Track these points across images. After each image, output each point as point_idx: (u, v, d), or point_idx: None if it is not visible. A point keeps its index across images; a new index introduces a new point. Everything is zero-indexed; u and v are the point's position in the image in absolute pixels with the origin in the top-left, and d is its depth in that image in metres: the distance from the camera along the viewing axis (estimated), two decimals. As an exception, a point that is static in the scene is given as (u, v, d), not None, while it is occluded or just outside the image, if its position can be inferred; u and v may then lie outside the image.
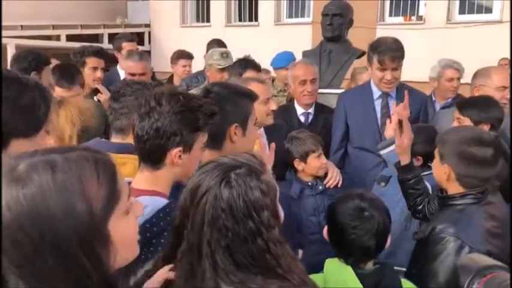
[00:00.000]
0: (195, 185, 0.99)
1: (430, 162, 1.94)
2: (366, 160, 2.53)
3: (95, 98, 3.10)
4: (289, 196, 2.21)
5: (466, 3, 7.30)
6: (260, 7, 9.32)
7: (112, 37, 6.09)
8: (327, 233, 1.60)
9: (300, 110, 2.98)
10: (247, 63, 2.95)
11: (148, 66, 3.20)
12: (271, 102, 2.29)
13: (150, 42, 10.70)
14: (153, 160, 1.30)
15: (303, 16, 8.99)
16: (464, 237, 1.50)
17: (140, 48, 9.47)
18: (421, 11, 7.71)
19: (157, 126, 1.26)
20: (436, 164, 1.73)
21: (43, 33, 8.87)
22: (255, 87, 2.20)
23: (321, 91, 3.22)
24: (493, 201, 1.64)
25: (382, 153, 2.05)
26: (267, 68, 4.43)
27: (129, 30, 9.13)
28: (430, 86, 3.81)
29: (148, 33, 10.71)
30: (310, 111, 2.98)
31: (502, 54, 5.09)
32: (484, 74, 2.82)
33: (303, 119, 2.98)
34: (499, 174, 1.74)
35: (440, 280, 1.51)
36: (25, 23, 8.58)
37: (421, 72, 4.32)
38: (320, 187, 2.32)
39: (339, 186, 2.32)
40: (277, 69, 4.22)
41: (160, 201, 1.25)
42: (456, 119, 2.36)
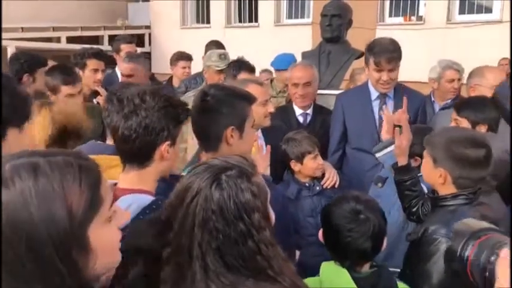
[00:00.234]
0: (186, 186, 0.99)
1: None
2: (364, 161, 2.53)
3: (95, 100, 3.11)
4: (286, 196, 2.21)
5: (466, 3, 7.29)
6: (260, 8, 9.33)
7: (112, 39, 6.09)
8: (322, 235, 1.59)
9: (299, 111, 2.98)
10: (241, 65, 2.96)
11: (139, 68, 3.20)
12: (269, 104, 2.29)
13: (150, 44, 10.72)
14: (142, 158, 1.30)
15: (302, 17, 9.00)
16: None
17: (140, 49, 9.50)
18: (421, 11, 7.71)
19: (147, 123, 1.27)
20: (428, 168, 1.71)
21: (43, 35, 8.90)
22: (253, 89, 2.20)
23: (320, 92, 3.22)
24: (485, 201, 1.63)
25: (378, 155, 2.05)
26: (269, 69, 4.44)
27: (129, 32, 9.14)
28: (430, 87, 3.80)
29: (149, 34, 10.73)
30: (308, 112, 2.98)
31: (502, 54, 5.08)
32: (478, 73, 2.82)
33: (301, 119, 2.98)
34: (497, 173, 1.74)
35: (433, 281, 1.50)
36: (26, 25, 8.60)
37: (420, 72, 4.32)
38: (317, 188, 2.32)
39: (336, 186, 2.32)
40: (277, 70, 4.22)
41: (145, 199, 1.26)
42: (454, 120, 2.36)
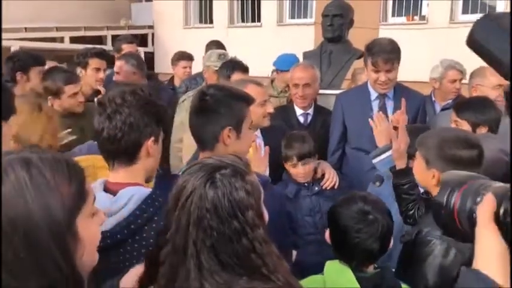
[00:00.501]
0: (181, 186, 1.00)
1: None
2: (364, 161, 2.53)
3: (96, 100, 3.13)
4: (284, 195, 2.21)
5: (470, 3, 7.26)
6: (263, 8, 9.34)
7: (116, 39, 6.12)
8: (329, 236, 1.59)
9: (299, 111, 2.98)
10: (234, 65, 2.96)
11: (123, 66, 3.23)
12: (268, 105, 2.30)
13: (153, 44, 10.74)
14: (129, 155, 1.31)
15: (305, 17, 8.99)
16: (450, 239, 1.49)
17: (144, 49, 9.53)
18: (424, 11, 7.69)
19: (131, 121, 1.28)
20: (420, 169, 1.70)
21: (47, 35, 8.95)
22: (252, 90, 2.21)
23: (321, 92, 3.22)
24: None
25: (374, 161, 2.06)
26: (273, 68, 4.42)
27: (132, 32, 9.18)
28: (432, 86, 3.79)
29: (152, 34, 10.76)
30: (309, 112, 2.99)
31: (504, 54, 5.05)
32: (479, 73, 2.81)
33: (302, 119, 2.98)
34: (494, 172, 1.73)
35: (429, 283, 1.50)
36: (29, 25, 8.65)
37: (423, 72, 4.29)
38: (316, 188, 2.32)
39: (336, 187, 2.32)
40: (279, 70, 4.22)
41: (145, 190, 1.28)
42: (453, 121, 2.34)
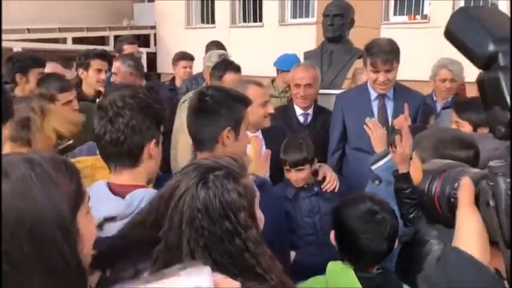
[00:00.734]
0: (174, 185, 1.01)
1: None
2: (364, 161, 2.50)
3: (98, 101, 3.15)
4: (284, 196, 2.22)
5: (472, 2, 7.25)
6: (264, 8, 9.35)
7: (118, 39, 6.15)
8: (334, 237, 1.58)
9: (299, 111, 2.99)
10: (226, 66, 2.96)
11: (120, 67, 3.25)
12: (269, 105, 2.30)
13: (155, 44, 10.77)
14: (132, 158, 1.31)
15: (307, 16, 9.00)
16: (447, 239, 1.49)
17: (146, 50, 9.57)
18: (426, 10, 7.68)
19: (133, 124, 1.29)
20: (417, 169, 1.70)
21: (50, 36, 8.99)
22: (253, 90, 2.22)
23: (322, 91, 3.23)
24: None
25: (373, 168, 2.06)
26: (275, 68, 4.42)
27: (134, 32, 9.23)
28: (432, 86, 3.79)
29: (154, 35, 10.79)
30: (309, 112, 2.99)
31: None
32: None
33: (302, 119, 2.99)
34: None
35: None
36: (32, 26, 8.69)
37: (425, 71, 4.29)
38: (315, 188, 2.32)
39: (336, 191, 2.32)
40: (281, 71, 4.22)
41: (153, 191, 1.26)
42: (454, 122, 2.32)
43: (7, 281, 0.76)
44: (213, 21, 10.10)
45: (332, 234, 1.59)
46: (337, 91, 3.28)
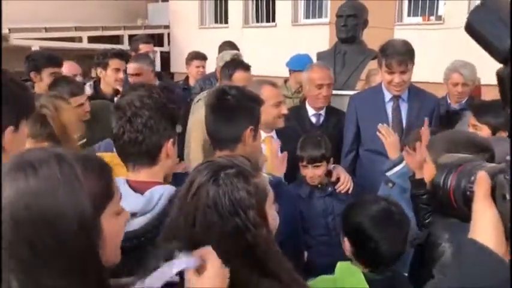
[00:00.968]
0: (189, 182, 1.04)
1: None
2: (377, 163, 2.49)
3: (116, 99, 3.19)
4: (298, 196, 2.23)
5: (487, 3, 7.17)
6: (277, 8, 9.36)
7: (132, 38, 6.20)
8: (346, 238, 1.57)
9: (312, 111, 2.99)
10: (236, 64, 2.96)
11: (144, 67, 3.28)
12: (283, 106, 2.31)
13: (169, 43, 10.85)
14: (150, 158, 1.33)
15: (320, 17, 8.99)
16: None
17: (160, 49, 9.64)
18: (441, 11, 7.61)
19: (151, 124, 1.30)
20: (430, 172, 1.68)
21: (66, 35, 9.12)
22: (267, 90, 2.23)
23: (335, 92, 3.23)
24: None
25: (388, 174, 2.06)
26: (287, 69, 4.43)
27: (148, 32, 9.31)
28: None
29: (168, 34, 10.87)
30: (321, 113, 3.00)
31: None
32: None
33: (314, 120, 2.99)
34: None
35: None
36: (49, 25, 8.83)
37: (439, 73, 4.26)
38: (329, 189, 2.33)
39: (349, 192, 2.33)
40: (293, 71, 4.22)
41: (172, 188, 1.29)
42: (472, 126, 2.27)
43: (31, 268, 0.79)
44: (226, 21, 10.15)
45: (346, 242, 1.58)
46: (351, 92, 3.28)
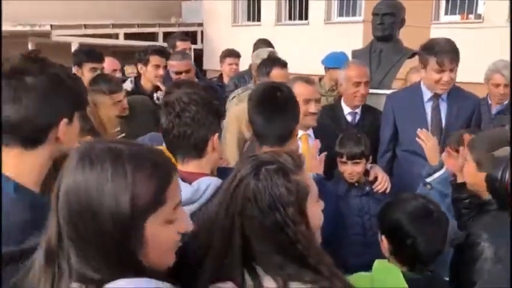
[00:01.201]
0: (232, 175, 1.08)
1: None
2: (415, 163, 2.46)
3: (155, 95, 3.28)
4: (337, 195, 2.23)
5: (531, 1, 6.91)
6: (310, 6, 9.32)
7: (167, 36, 6.32)
8: (384, 237, 1.57)
9: (347, 110, 2.97)
10: (273, 61, 2.97)
11: (192, 64, 3.36)
12: (311, 104, 2.30)
13: (202, 41, 10.98)
14: (198, 151, 1.39)
15: (354, 15, 8.89)
16: (497, 242, 1.46)
17: (193, 47, 9.77)
18: (480, 9, 7.39)
19: (199, 118, 1.36)
20: (471, 172, 1.67)
21: (103, 31, 9.38)
22: (298, 87, 2.25)
23: (370, 91, 3.20)
24: None
25: (428, 180, 2.03)
26: (319, 67, 4.41)
27: (182, 29, 9.46)
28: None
29: (201, 32, 11.00)
30: (357, 111, 2.97)
31: None
32: None
33: (349, 118, 2.97)
34: None
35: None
36: (88, 22, 9.11)
37: (478, 73, 4.16)
38: (367, 188, 2.32)
39: (387, 192, 2.31)
40: (329, 68, 4.20)
41: (218, 180, 1.34)
42: None
43: (80, 248, 0.83)
44: (258, 19, 10.18)
45: (383, 239, 1.57)
46: (386, 91, 3.25)
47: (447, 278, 1.67)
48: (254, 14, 10.41)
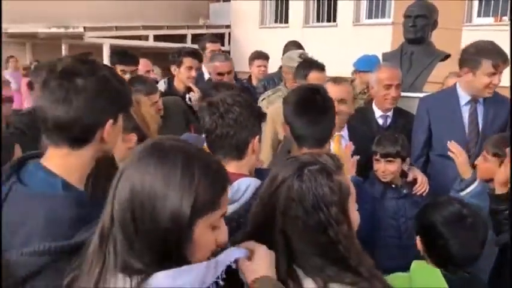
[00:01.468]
0: (274, 175, 1.10)
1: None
2: (450, 168, 2.40)
3: (187, 96, 3.34)
4: (373, 196, 2.22)
5: None
6: (339, 7, 9.27)
7: (195, 37, 6.41)
8: (420, 240, 1.58)
9: (378, 113, 2.94)
10: (311, 64, 2.97)
11: (233, 65, 3.41)
12: (341, 104, 2.29)
13: (230, 43, 11.06)
14: (239, 152, 1.41)
15: (383, 17, 8.80)
16: None
17: (221, 48, 9.86)
18: (515, 11, 7.19)
19: (241, 120, 1.39)
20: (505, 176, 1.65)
21: (134, 33, 9.58)
22: (329, 87, 2.26)
23: (402, 94, 3.16)
24: None
25: (462, 194, 2.01)
26: (347, 69, 4.38)
27: (210, 31, 9.55)
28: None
29: (229, 34, 11.08)
30: (388, 114, 2.94)
31: None
32: None
33: (381, 121, 2.94)
34: None
35: None
36: (119, 24, 9.33)
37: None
38: (404, 191, 2.30)
39: (424, 194, 2.29)
40: (359, 71, 4.17)
41: (257, 181, 1.36)
42: None
43: (129, 233, 0.85)
44: (286, 21, 10.19)
45: (418, 240, 1.58)
46: (417, 94, 3.20)
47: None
48: (282, 15, 10.42)
